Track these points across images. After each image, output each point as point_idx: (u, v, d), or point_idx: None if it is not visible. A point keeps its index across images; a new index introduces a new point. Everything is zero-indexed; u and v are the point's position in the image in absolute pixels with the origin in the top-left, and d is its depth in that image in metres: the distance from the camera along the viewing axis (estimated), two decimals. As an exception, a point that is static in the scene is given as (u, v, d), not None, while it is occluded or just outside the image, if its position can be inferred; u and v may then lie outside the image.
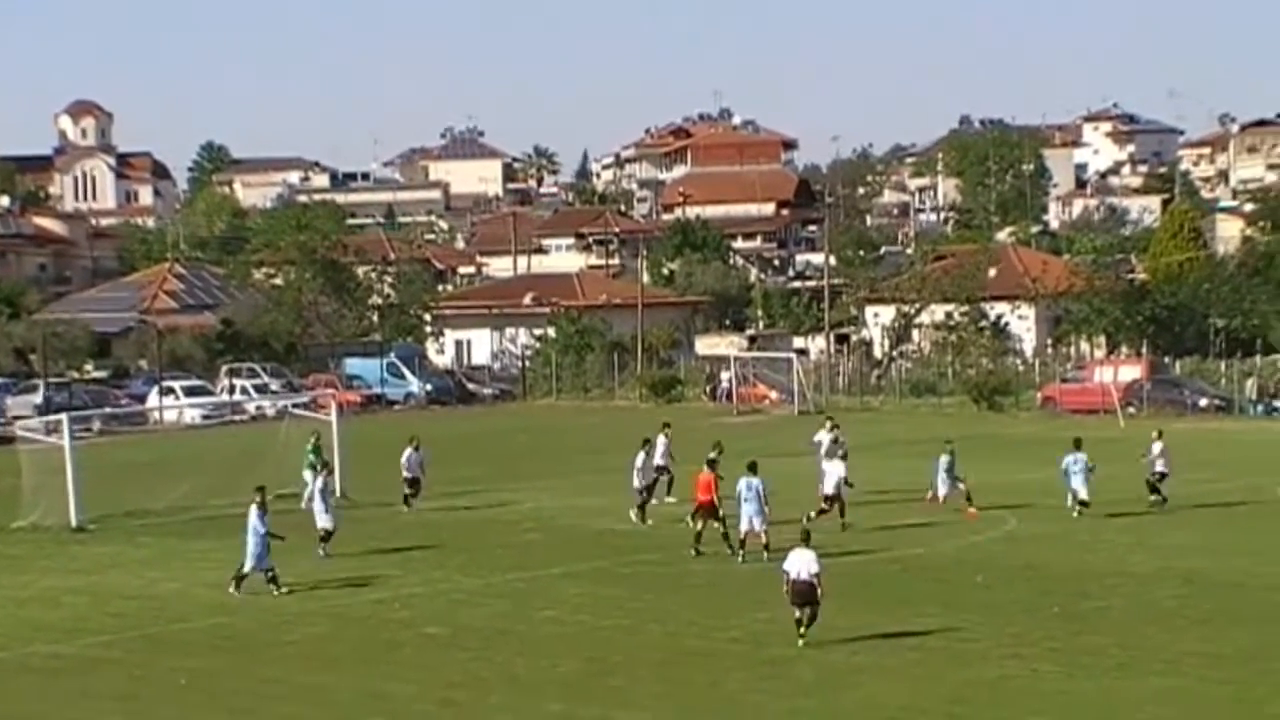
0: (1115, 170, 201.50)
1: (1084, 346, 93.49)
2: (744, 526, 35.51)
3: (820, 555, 27.68)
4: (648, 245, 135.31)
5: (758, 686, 25.00)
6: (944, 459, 42.16)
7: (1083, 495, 40.73)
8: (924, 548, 36.86)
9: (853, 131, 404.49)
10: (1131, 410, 70.45)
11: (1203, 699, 23.56)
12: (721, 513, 36.54)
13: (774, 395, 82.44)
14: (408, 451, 44.66)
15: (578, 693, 24.96)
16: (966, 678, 25.15)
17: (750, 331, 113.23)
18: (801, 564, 27.28)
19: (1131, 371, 76.06)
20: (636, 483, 41.88)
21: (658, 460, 43.55)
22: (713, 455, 38.63)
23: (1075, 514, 40.45)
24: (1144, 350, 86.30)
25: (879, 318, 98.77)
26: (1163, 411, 70.82)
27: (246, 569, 33.06)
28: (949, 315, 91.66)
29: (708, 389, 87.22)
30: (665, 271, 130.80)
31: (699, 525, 36.72)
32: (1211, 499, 44.13)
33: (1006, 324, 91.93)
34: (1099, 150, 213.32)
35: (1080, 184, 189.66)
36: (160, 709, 24.85)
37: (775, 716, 23.33)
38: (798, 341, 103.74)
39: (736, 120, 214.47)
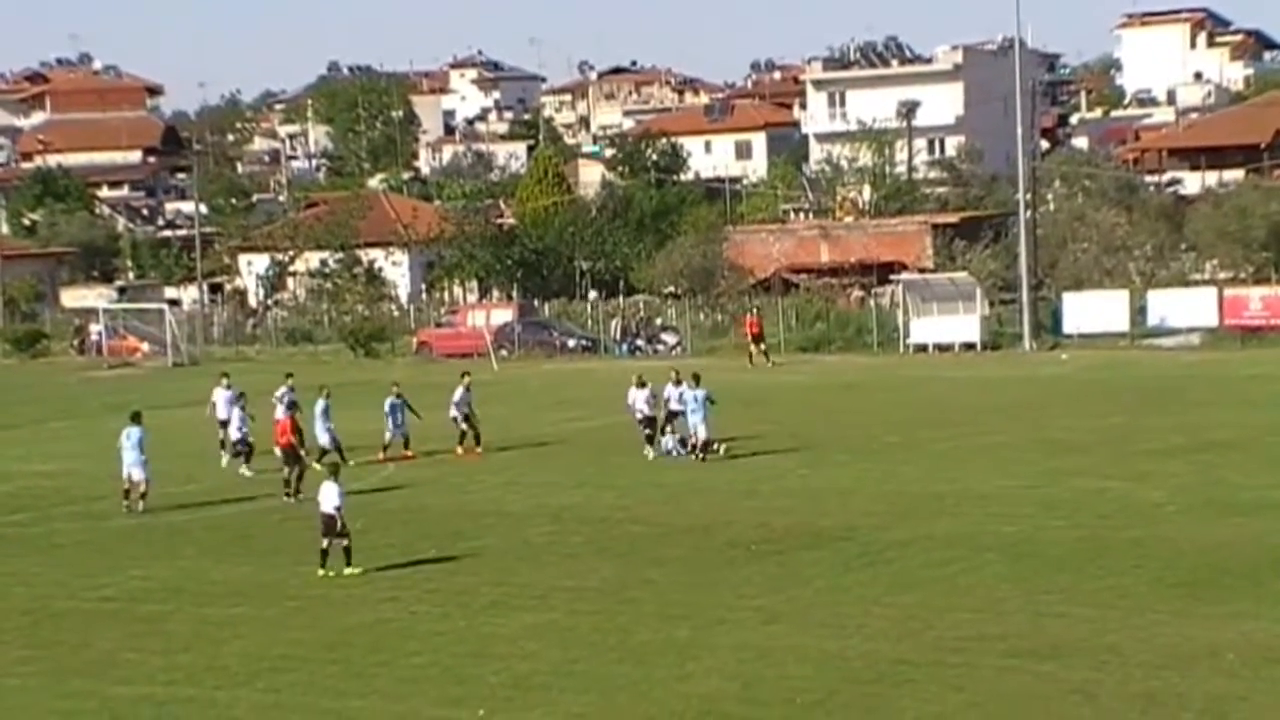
0: (482, 117, 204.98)
1: (457, 291, 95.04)
2: (125, 476, 35.44)
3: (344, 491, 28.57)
4: (6, 195, 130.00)
5: (132, 644, 24.51)
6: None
7: (703, 434, 40.04)
8: (302, 496, 36.73)
9: (220, 77, 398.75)
10: (504, 353, 72.13)
11: (571, 631, 24.39)
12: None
13: (146, 347, 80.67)
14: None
15: (-60, 664, 23.90)
16: (345, 624, 25.31)
17: (120, 283, 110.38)
18: (326, 497, 28.18)
19: (503, 315, 77.85)
20: (235, 436, 40.27)
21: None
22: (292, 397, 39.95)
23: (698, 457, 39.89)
24: (514, 293, 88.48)
25: (253, 266, 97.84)
26: (533, 353, 72.84)
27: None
28: (324, 262, 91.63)
29: (76, 343, 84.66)
30: (26, 222, 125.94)
31: (285, 471, 36.62)
32: (580, 436, 45.70)
33: (381, 270, 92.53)
34: (466, 97, 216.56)
35: (449, 130, 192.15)
36: None
37: (151, 673, 22.93)
38: (170, 292, 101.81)
39: (97, 65, 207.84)
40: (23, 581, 29.22)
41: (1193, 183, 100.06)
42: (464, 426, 42.71)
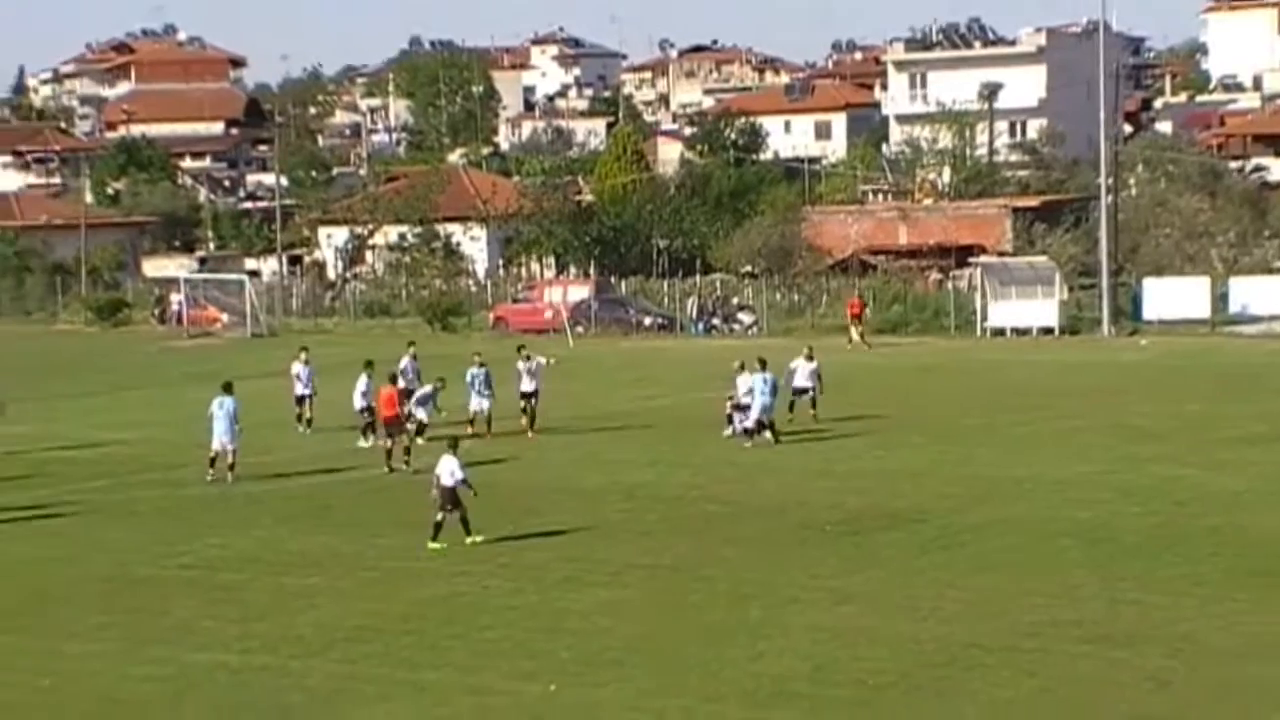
0: (562, 93, 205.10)
1: (535, 267, 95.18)
2: (215, 445, 35.60)
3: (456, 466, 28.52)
4: (90, 164, 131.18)
5: (210, 612, 24.73)
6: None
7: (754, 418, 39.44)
8: (380, 468, 36.97)
9: (303, 50, 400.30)
10: (580, 330, 72.19)
11: (643, 608, 24.42)
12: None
13: (225, 318, 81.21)
14: None
15: (19, 626, 24.20)
16: (420, 596, 25.46)
17: (201, 253, 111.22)
18: (446, 470, 28.30)
19: (580, 291, 77.89)
20: (358, 404, 40.17)
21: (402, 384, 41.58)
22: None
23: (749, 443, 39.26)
24: (591, 270, 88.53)
25: (332, 239, 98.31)
26: (609, 331, 72.88)
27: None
28: (402, 236, 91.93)
29: (156, 312, 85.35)
30: (110, 192, 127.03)
31: (388, 443, 36.75)
32: (655, 414, 45.70)
33: (459, 245, 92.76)
34: (546, 73, 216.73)
35: (529, 106, 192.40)
36: None
37: (228, 641, 23.13)
38: (250, 263, 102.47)
39: (182, 37, 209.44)
40: (103, 548, 29.53)
41: (1278, 169, 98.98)
42: (523, 404, 42.22)
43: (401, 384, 40.40)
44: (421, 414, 39.62)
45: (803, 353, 43.49)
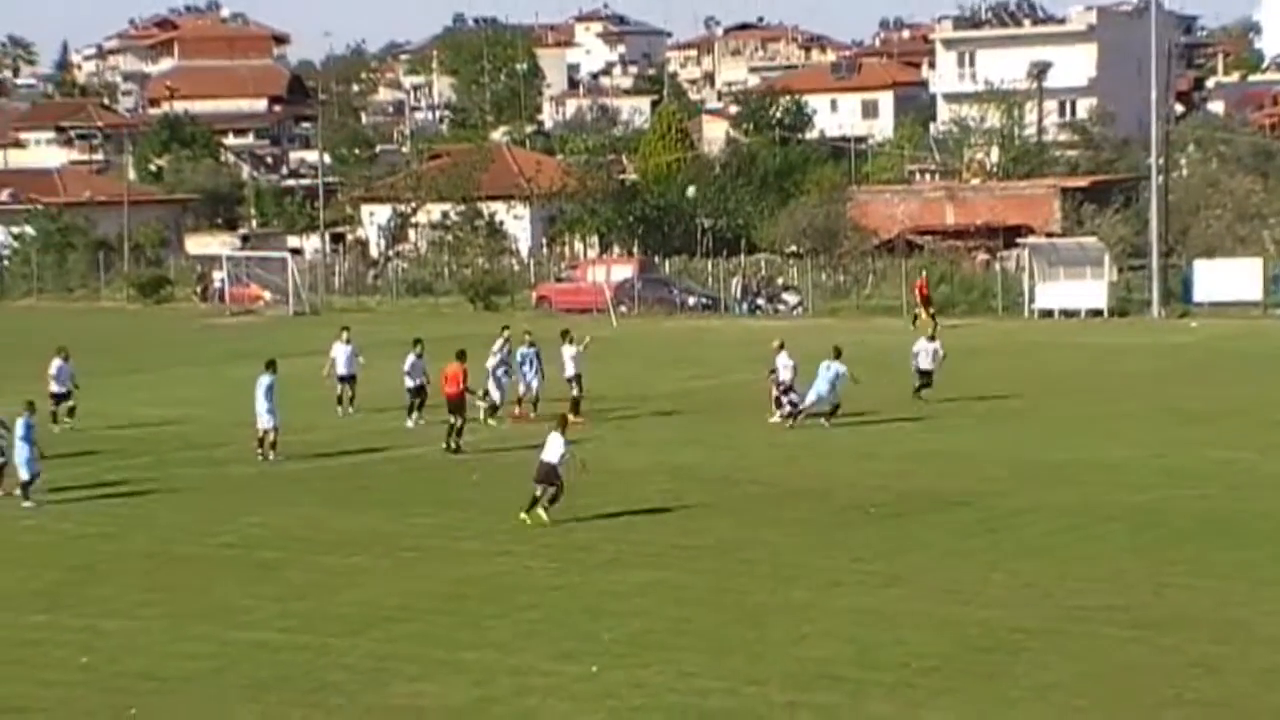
0: (607, 71, 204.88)
1: (578, 246, 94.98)
2: (260, 424, 35.63)
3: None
4: (133, 140, 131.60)
5: (250, 590, 24.65)
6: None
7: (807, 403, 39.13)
8: (422, 448, 36.92)
9: (346, 27, 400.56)
10: (624, 309, 72.00)
11: (686, 590, 24.22)
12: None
13: (267, 296, 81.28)
14: (56, 363, 40.96)
15: (61, 603, 24.15)
16: (461, 575, 25.33)
17: (243, 230, 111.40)
18: (549, 448, 28.36)
19: (623, 271, 77.66)
20: (409, 384, 39.96)
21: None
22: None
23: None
24: (635, 250, 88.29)
25: (375, 217, 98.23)
26: (653, 311, 72.66)
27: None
28: (445, 215, 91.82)
29: (199, 289, 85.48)
30: (153, 168, 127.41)
31: (452, 419, 36.61)
32: (699, 395, 45.51)
33: (502, 223, 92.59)
34: (591, 51, 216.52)
35: (573, 84, 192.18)
36: None
37: (268, 619, 23.05)
38: (292, 241, 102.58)
39: (225, 13, 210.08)
40: (145, 526, 29.50)
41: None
42: (576, 391, 41.05)
43: (491, 363, 40.54)
44: (495, 393, 39.57)
45: (925, 334, 43.70)
